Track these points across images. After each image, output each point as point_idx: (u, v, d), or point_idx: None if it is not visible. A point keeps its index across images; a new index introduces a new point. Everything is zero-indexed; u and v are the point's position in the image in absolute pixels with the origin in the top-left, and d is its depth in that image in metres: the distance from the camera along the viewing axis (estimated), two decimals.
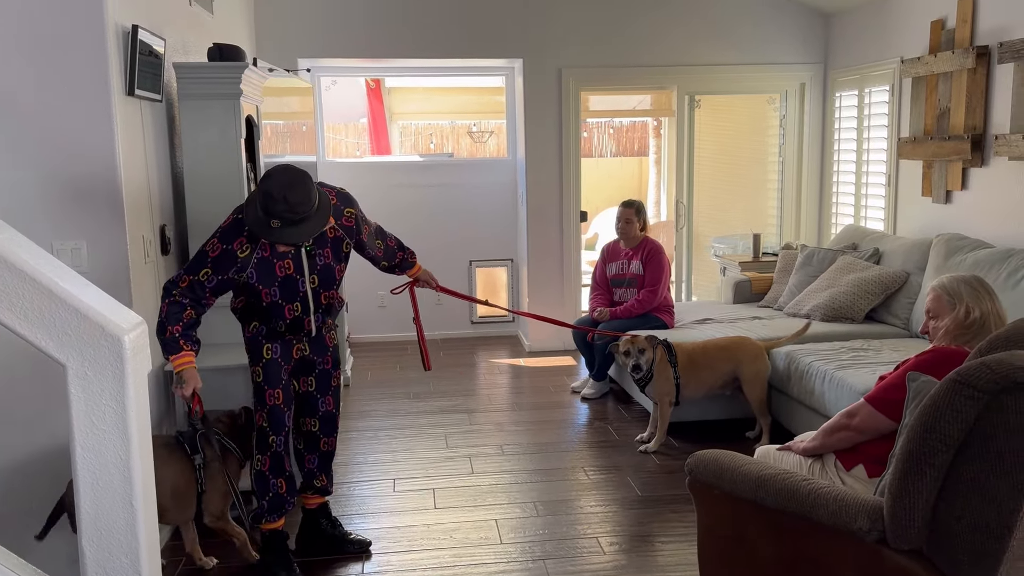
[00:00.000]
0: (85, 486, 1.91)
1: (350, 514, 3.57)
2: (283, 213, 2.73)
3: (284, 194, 2.70)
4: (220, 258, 2.86)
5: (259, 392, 3.09)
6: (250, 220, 2.80)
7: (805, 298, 5.15)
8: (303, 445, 3.28)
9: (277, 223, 2.76)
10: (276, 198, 2.70)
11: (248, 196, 2.92)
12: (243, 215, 2.84)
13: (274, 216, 2.75)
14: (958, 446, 1.84)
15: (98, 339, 1.87)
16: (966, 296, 2.55)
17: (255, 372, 3.09)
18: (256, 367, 3.08)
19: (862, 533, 2.01)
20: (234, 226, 2.88)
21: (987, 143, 4.62)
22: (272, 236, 2.80)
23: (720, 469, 2.38)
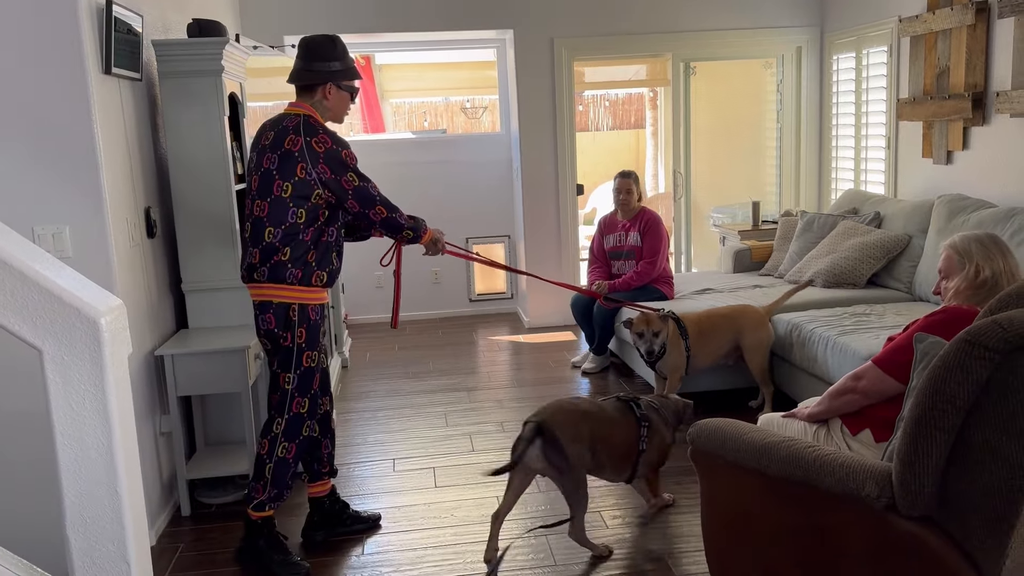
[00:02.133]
0: (67, 474, 1.85)
1: (350, 495, 3.52)
2: (341, 49, 3.04)
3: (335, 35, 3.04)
4: (355, 157, 2.97)
5: (307, 376, 2.98)
6: (347, 71, 3.00)
7: (806, 265, 5.07)
8: (319, 431, 3.17)
9: (351, 62, 3.05)
10: (337, 37, 3.02)
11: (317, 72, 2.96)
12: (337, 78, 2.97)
13: (348, 54, 3.04)
14: (969, 408, 1.77)
15: (74, 322, 1.80)
16: (976, 254, 2.48)
17: (308, 355, 2.97)
18: (310, 345, 2.97)
19: (870, 500, 1.95)
20: (333, 133, 2.93)
21: (988, 101, 4.53)
22: (358, 72, 3.05)
23: (723, 438, 2.31)
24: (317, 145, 2.86)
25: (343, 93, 3.02)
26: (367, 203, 2.97)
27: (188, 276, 3.61)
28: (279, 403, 2.97)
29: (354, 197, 2.94)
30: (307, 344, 2.95)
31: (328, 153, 2.87)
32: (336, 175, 2.89)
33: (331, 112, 3.02)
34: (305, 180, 2.85)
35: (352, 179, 2.93)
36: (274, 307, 2.90)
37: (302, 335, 2.93)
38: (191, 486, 3.50)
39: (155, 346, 3.43)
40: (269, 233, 2.87)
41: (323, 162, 2.86)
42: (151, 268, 3.45)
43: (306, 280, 2.91)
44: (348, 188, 2.92)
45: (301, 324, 2.93)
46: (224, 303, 3.63)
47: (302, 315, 2.93)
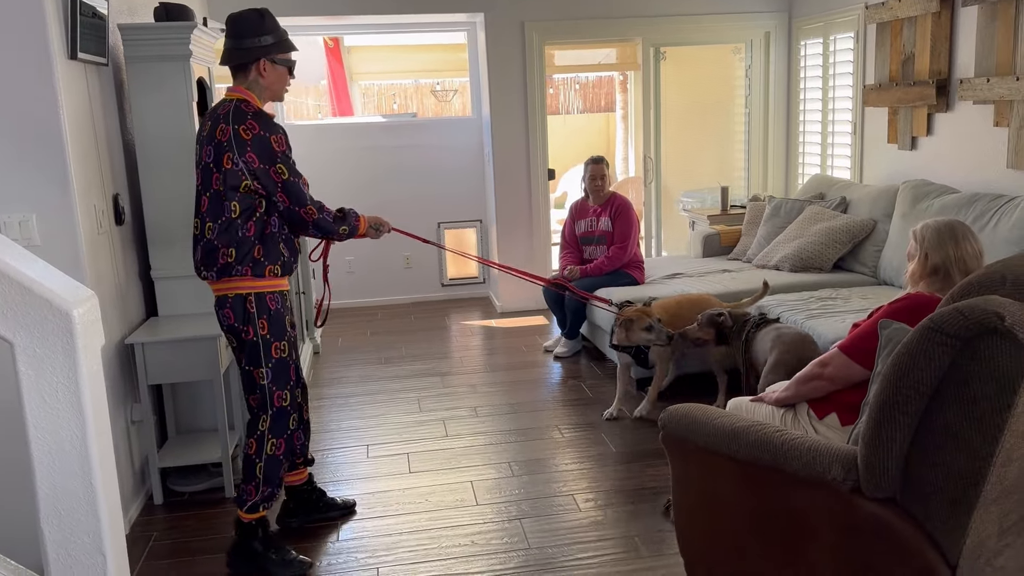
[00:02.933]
0: (41, 467, 1.84)
1: (324, 482, 3.53)
2: (272, 22, 2.88)
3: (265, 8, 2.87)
4: (288, 145, 2.81)
5: (281, 368, 2.89)
6: (280, 43, 2.84)
7: (773, 249, 5.15)
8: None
9: (284, 33, 2.91)
10: (266, 10, 2.86)
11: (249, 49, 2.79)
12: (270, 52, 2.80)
13: (272, 30, 2.85)
14: (931, 393, 1.83)
15: (45, 314, 1.78)
16: (927, 242, 2.54)
17: (277, 346, 2.87)
18: (276, 335, 2.87)
19: (836, 483, 2.00)
20: (264, 117, 2.77)
21: (952, 88, 4.61)
22: (293, 45, 2.92)
23: (693, 423, 2.36)
24: (245, 132, 2.70)
25: (279, 68, 2.83)
26: (297, 200, 2.80)
27: (157, 263, 3.57)
28: (260, 401, 2.89)
29: (283, 191, 2.77)
30: (272, 335, 2.85)
31: (256, 140, 2.71)
32: (264, 164, 2.73)
33: (268, 91, 2.84)
34: (232, 170, 2.71)
35: (281, 171, 2.76)
36: (230, 301, 2.81)
37: (264, 326, 2.83)
38: (163, 474, 3.49)
39: (125, 334, 3.40)
40: (208, 228, 2.76)
41: (250, 149, 2.71)
42: (120, 255, 3.41)
43: (258, 274, 2.80)
44: (277, 180, 2.76)
45: (261, 315, 2.83)
46: (194, 290, 3.60)
47: (260, 305, 2.83)
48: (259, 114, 2.75)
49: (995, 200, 4.01)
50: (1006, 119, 4.20)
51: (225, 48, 2.82)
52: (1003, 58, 4.17)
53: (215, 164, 2.72)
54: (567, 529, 3.09)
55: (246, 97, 2.78)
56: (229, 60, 2.82)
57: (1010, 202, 3.93)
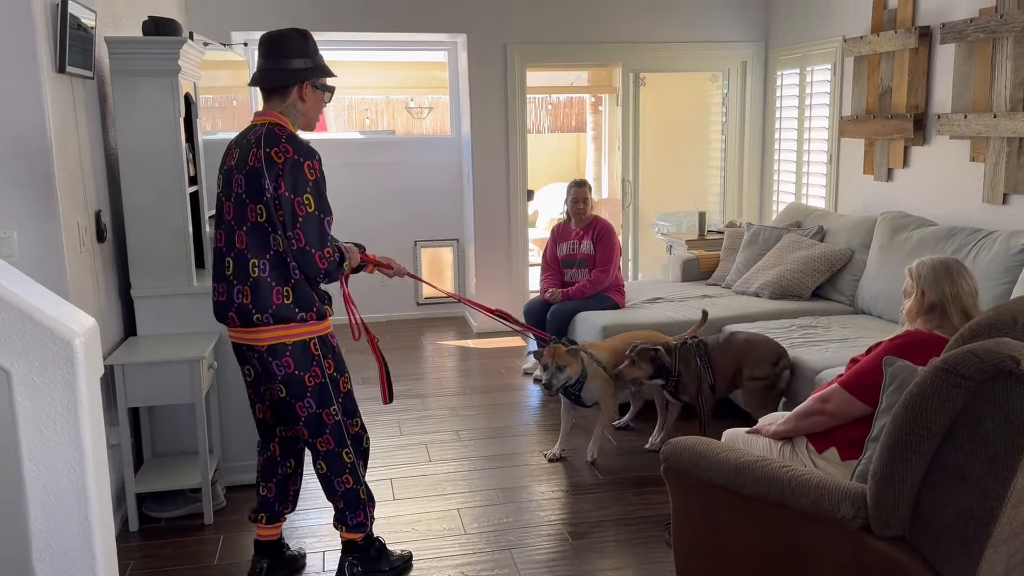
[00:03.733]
0: (35, 501, 1.76)
1: (307, 509, 3.45)
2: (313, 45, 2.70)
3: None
4: (323, 175, 2.60)
5: (349, 399, 2.83)
6: (323, 67, 2.67)
7: (753, 276, 5.19)
8: (293, 464, 2.94)
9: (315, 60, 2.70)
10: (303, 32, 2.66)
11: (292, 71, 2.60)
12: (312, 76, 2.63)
13: (313, 53, 2.67)
14: (944, 433, 1.84)
15: (46, 343, 1.72)
16: (924, 279, 2.57)
17: (343, 380, 2.81)
18: (343, 370, 2.81)
19: (845, 520, 2.00)
20: (300, 141, 2.57)
21: (929, 122, 4.71)
22: (329, 71, 2.73)
23: (695, 456, 2.35)
24: (277, 156, 2.49)
25: (318, 93, 2.66)
26: (316, 241, 2.53)
27: (138, 282, 3.48)
28: (338, 437, 2.75)
29: (302, 227, 2.51)
30: (338, 371, 2.77)
31: (288, 164, 2.49)
32: (292, 193, 2.49)
33: (304, 117, 2.66)
34: (268, 199, 2.52)
35: (307, 203, 2.51)
36: (290, 348, 2.61)
37: (331, 366, 2.72)
38: (138, 499, 3.38)
39: (104, 355, 3.30)
40: (254, 266, 2.55)
41: (281, 175, 2.48)
42: (100, 273, 3.32)
43: (321, 316, 2.65)
44: (300, 213, 2.50)
45: (326, 355, 2.70)
46: (175, 310, 3.52)
47: (324, 346, 2.70)
48: (293, 137, 2.56)
49: (973, 234, 4.09)
50: (982, 155, 4.30)
51: (261, 68, 2.62)
52: (980, 95, 4.27)
53: (250, 194, 2.52)
54: (559, 559, 3.06)
55: (279, 121, 2.60)
56: (266, 81, 2.62)
57: (987, 236, 4.01)
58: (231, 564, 3.05)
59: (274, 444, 2.89)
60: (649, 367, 3.76)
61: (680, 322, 4.65)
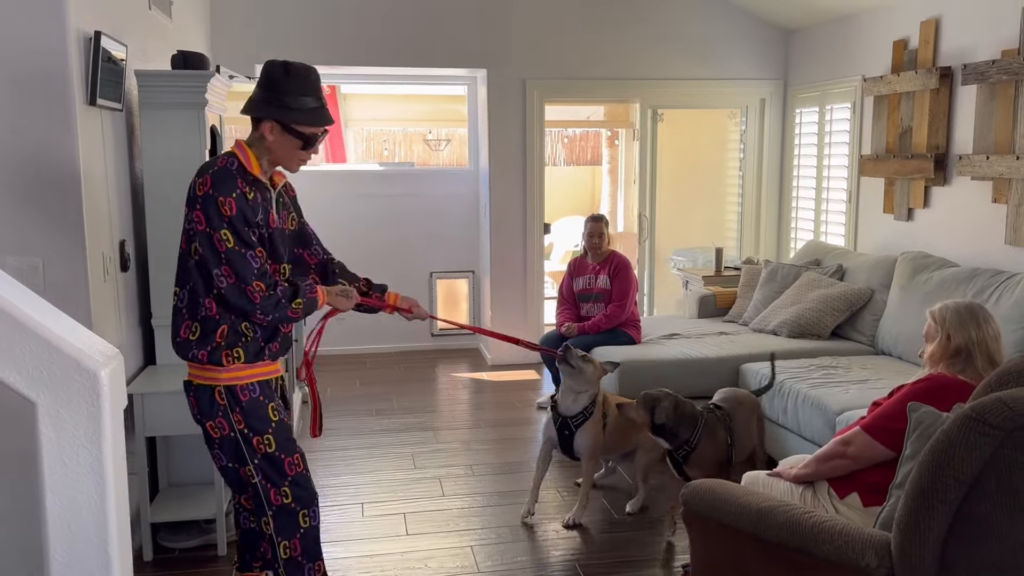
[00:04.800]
0: (55, 532, 1.76)
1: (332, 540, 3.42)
2: (317, 86, 2.41)
3: (307, 66, 2.43)
4: (240, 211, 2.32)
5: (272, 463, 2.47)
6: (296, 111, 2.35)
7: (771, 314, 5.17)
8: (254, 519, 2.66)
9: (315, 103, 2.41)
10: (307, 69, 2.41)
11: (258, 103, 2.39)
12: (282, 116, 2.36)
13: (313, 93, 2.39)
14: (971, 483, 1.81)
15: (72, 374, 1.73)
16: (949, 323, 2.55)
17: (262, 439, 2.44)
18: (260, 430, 2.44)
19: (869, 570, 1.97)
20: (222, 174, 2.32)
21: (950, 162, 4.70)
22: (325, 118, 2.43)
23: (717, 500, 2.32)
24: (198, 188, 2.33)
25: (288, 138, 2.40)
26: (244, 275, 2.31)
27: (159, 311, 3.50)
28: (256, 501, 2.50)
29: (228, 262, 2.30)
30: (252, 429, 2.42)
31: (205, 199, 2.30)
32: (210, 227, 2.30)
33: (272, 155, 2.43)
34: (186, 229, 2.37)
35: (225, 239, 2.29)
36: (194, 389, 2.44)
37: (239, 420, 2.41)
38: (153, 529, 3.37)
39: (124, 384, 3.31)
40: (175, 295, 2.45)
41: (199, 207, 2.31)
42: (123, 302, 3.34)
43: (215, 360, 2.37)
44: (220, 249, 2.30)
45: (234, 408, 2.41)
46: None
47: (231, 398, 2.41)
48: (222, 173, 2.33)
49: (995, 276, 4.07)
50: (1004, 196, 4.29)
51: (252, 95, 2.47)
52: (1002, 136, 4.27)
53: (184, 221, 2.40)
54: None
55: (236, 152, 2.41)
56: (245, 108, 2.47)
57: (1010, 279, 3.98)
58: None
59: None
60: (646, 416, 3.31)
61: (696, 359, 4.63)
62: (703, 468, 3.26)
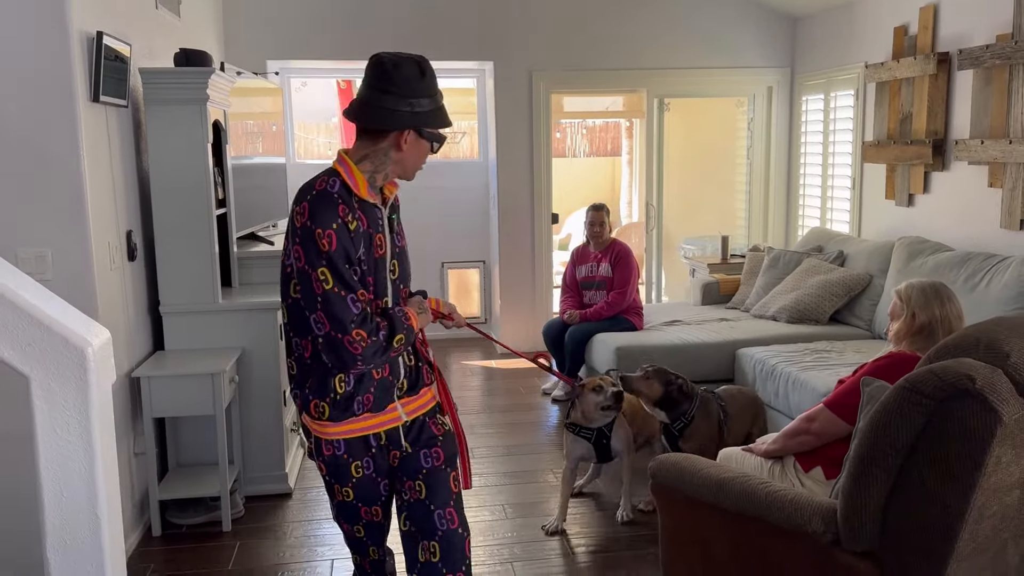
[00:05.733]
0: (49, 497, 1.91)
1: (319, 518, 3.58)
2: (433, 83, 2.11)
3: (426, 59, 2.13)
4: (341, 246, 2.02)
5: (344, 511, 2.36)
6: (432, 114, 2.10)
7: (771, 300, 5.22)
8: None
9: (440, 99, 2.13)
10: (427, 63, 2.12)
11: (391, 112, 2.06)
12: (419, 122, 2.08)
13: (431, 94, 2.09)
14: (907, 450, 1.89)
15: (62, 351, 1.87)
16: (914, 301, 2.62)
17: (342, 489, 2.28)
18: (342, 481, 2.27)
19: (817, 535, 2.06)
20: (322, 201, 2.03)
21: (948, 147, 4.72)
22: (446, 119, 2.14)
23: (681, 473, 2.42)
24: (296, 217, 2.04)
25: (423, 143, 2.13)
26: (338, 325, 2.01)
27: (166, 299, 3.66)
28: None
29: (323, 307, 2.01)
30: (334, 477, 2.27)
31: (303, 229, 2.02)
32: (309, 265, 2.01)
33: (398, 166, 2.15)
34: (285, 264, 2.13)
35: (323, 278, 2.00)
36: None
37: (322, 468, 2.27)
38: (162, 506, 3.54)
39: (132, 367, 3.48)
40: (296, 346, 2.19)
41: (299, 242, 2.03)
42: (130, 290, 3.51)
43: (304, 407, 2.18)
44: (318, 291, 2.01)
45: (318, 456, 2.25)
46: (201, 326, 3.69)
47: (317, 447, 2.23)
48: (321, 199, 2.03)
49: (987, 259, 4.10)
50: (1000, 180, 4.31)
51: (359, 99, 2.11)
52: (997, 121, 4.29)
53: (286, 260, 2.13)
54: (557, 573, 3.13)
55: (340, 170, 2.10)
56: (361, 118, 2.10)
57: (1001, 262, 4.01)
58: (245, 569, 3.19)
59: None
60: (660, 389, 3.42)
61: (694, 344, 4.71)
62: (697, 441, 3.41)
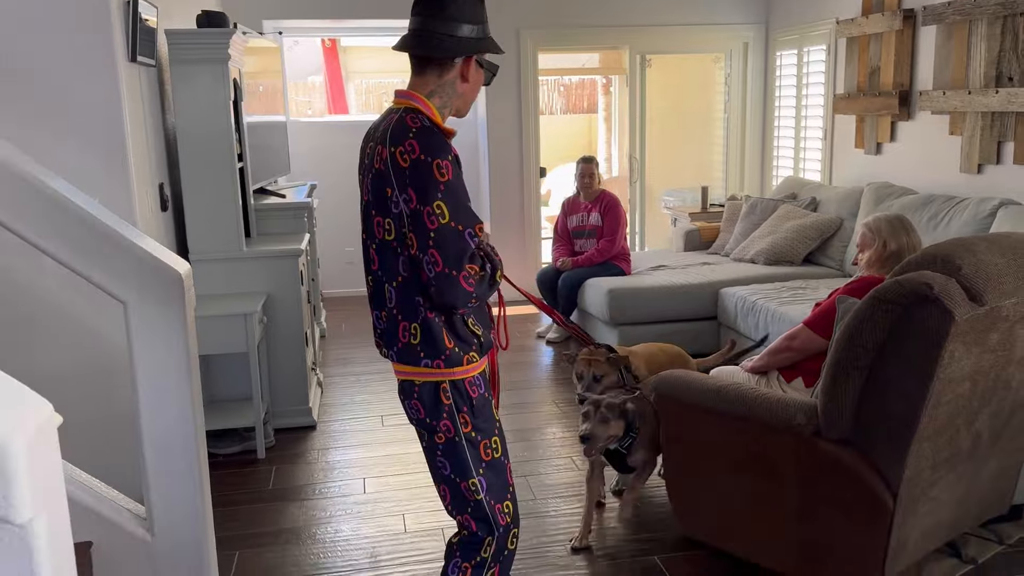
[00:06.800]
0: (145, 406, 2.21)
1: (345, 446, 3.91)
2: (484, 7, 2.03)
3: None
4: (456, 177, 1.94)
5: (497, 471, 2.11)
6: (491, 40, 2.03)
7: (749, 244, 5.59)
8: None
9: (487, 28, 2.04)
10: None
11: (461, 39, 1.96)
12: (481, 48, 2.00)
13: (485, 19, 2.01)
14: (877, 351, 2.25)
15: (157, 278, 2.16)
16: (885, 231, 2.97)
17: (489, 443, 2.09)
18: (484, 431, 2.08)
19: (800, 427, 2.42)
20: (428, 134, 1.92)
21: (913, 99, 5.07)
22: (499, 46, 2.05)
23: (681, 383, 2.77)
24: (402, 157, 1.90)
25: (481, 73, 2.06)
26: (453, 261, 1.91)
27: (195, 247, 3.93)
28: (481, 520, 2.09)
29: (437, 244, 1.90)
30: (479, 430, 2.06)
31: (412, 166, 1.89)
32: (421, 203, 1.89)
33: (461, 99, 2.05)
34: (396, 213, 1.95)
35: (439, 212, 1.89)
36: (418, 388, 2.05)
37: (466, 422, 2.05)
38: None
39: None
40: (388, 293, 2.04)
41: (408, 181, 1.90)
42: (163, 239, 3.77)
43: (452, 363, 2.01)
44: (431, 227, 1.89)
45: (460, 408, 2.04)
46: (228, 272, 3.97)
47: (458, 395, 2.04)
48: (425, 132, 1.92)
49: (948, 201, 4.47)
50: (959, 128, 4.67)
51: (417, 30, 1.99)
52: (957, 73, 4.64)
53: (376, 204, 1.99)
54: (567, 484, 3.50)
55: (419, 106, 1.98)
56: (426, 47, 1.98)
57: (961, 203, 4.39)
58: (285, 488, 3.52)
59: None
60: (621, 424, 2.95)
61: (680, 286, 5.06)
62: (641, 453, 3.02)
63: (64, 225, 2.10)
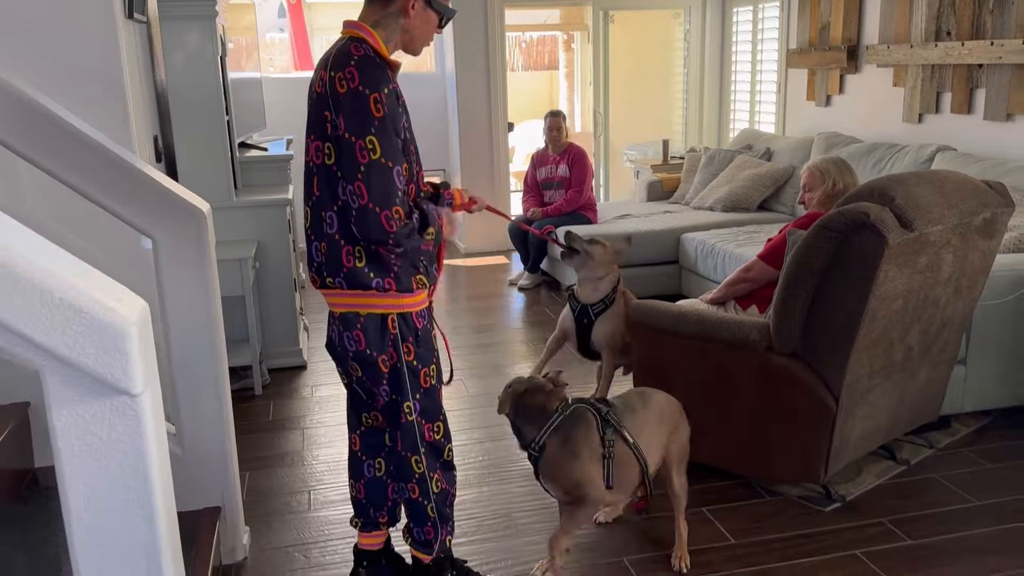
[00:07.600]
0: (176, 334, 2.45)
1: (335, 382, 4.17)
2: None
3: None
4: (391, 113, 1.98)
5: (430, 397, 2.24)
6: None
7: (708, 193, 5.91)
8: (383, 468, 2.42)
9: None
10: None
11: None
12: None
13: None
14: (821, 273, 2.58)
15: (183, 215, 2.39)
16: (833, 172, 3.29)
17: (428, 371, 2.21)
18: (427, 361, 2.21)
19: (755, 343, 2.75)
20: (368, 64, 1.98)
21: (860, 53, 5.40)
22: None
23: (651, 310, 3.08)
24: (340, 84, 1.95)
25: (429, 13, 2.11)
26: (379, 197, 1.96)
27: None
28: (409, 440, 2.23)
29: (365, 178, 1.95)
30: (420, 359, 2.18)
31: (349, 96, 1.94)
32: (352, 133, 1.95)
33: (407, 35, 2.11)
34: (334, 136, 2.00)
35: (371, 147, 1.94)
36: (363, 320, 2.11)
37: (410, 351, 2.15)
38: None
39: None
40: (328, 219, 2.07)
41: (344, 110, 1.95)
42: None
43: (406, 288, 2.10)
44: (362, 160, 1.95)
45: (406, 337, 2.14)
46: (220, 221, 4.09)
47: (406, 326, 2.14)
48: (365, 61, 1.97)
49: (891, 148, 4.83)
50: (902, 80, 5.01)
51: None
52: (901, 28, 4.96)
53: (315, 128, 2.04)
54: None
55: (362, 35, 2.05)
56: None
57: (902, 150, 4.74)
58: (282, 419, 3.79)
59: (355, 436, 2.41)
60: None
61: (644, 232, 5.37)
62: (558, 482, 2.42)
63: (104, 169, 2.31)
